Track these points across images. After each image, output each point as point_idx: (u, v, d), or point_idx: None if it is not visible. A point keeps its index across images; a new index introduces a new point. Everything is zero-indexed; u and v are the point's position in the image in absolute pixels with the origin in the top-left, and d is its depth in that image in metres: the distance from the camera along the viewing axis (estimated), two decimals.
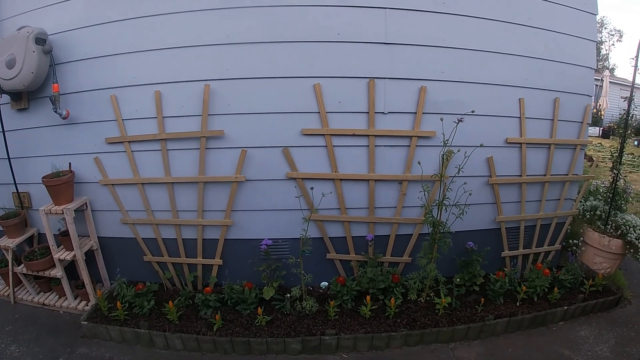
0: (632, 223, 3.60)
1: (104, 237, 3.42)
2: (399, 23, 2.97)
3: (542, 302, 3.24)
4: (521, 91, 3.27)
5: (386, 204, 3.26)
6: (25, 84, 2.98)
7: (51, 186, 3.05)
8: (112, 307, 3.04)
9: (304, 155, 3.11)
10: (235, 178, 3.09)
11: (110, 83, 3.09)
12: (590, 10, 3.41)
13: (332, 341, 2.80)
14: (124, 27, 3.00)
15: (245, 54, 2.96)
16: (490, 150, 3.25)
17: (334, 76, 2.99)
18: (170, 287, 3.45)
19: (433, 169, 3.11)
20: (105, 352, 2.82)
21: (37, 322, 3.18)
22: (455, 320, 3.00)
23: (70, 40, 3.10)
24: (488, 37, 3.13)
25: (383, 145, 3.13)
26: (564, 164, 3.57)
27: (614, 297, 3.35)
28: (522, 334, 3.04)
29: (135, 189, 3.22)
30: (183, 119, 3.06)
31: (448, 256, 3.19)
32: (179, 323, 2.95)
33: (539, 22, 3.23)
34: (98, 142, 3.19)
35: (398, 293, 3.12)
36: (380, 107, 3.05)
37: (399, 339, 2.86)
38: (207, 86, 2.95)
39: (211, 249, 3.30)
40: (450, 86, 3.12)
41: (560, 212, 3.64)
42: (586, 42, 3.45)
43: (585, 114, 3.54)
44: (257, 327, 2.90)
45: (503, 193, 3.41)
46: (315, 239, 3.24)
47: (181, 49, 2.98)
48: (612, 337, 3.01)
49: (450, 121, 2.79)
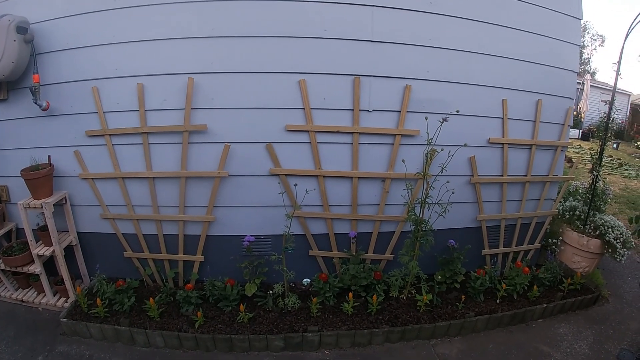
0: (610, 224, 3.69)
1: (83, 232, 3.36)
2: (385, 21, 2.98)
3: (521, 300, 3.29)
4: (504, 92, 3.32)
5: (369, 202, 3.28)
6: (4, 73, 2.89)
7: (30, 179, 2.98)
8: (92, 304, 2.99)
9: (287, 151, 3.10)
10: (218, 173, 3.06)
11: (91, 74, 3.03)
12: (575, 14, 3.48)
13: (315, 338, 2.80)
14: (107, 18, 2.95)
15: (231, 48, 2.94)
16: (473, 149, 3.29)
17: (319, 72, 2.99)
18: (151, 283, 3.41)
19: (416, 168, 3.13)
20: (85, 350, 2.77)
21: (15, 319, 3.10)
22: (436, 317, 3.03)
23: (51, 30, 3.03)
24: (474, 38, 3.17)
25: (367, 143, 3.14)
26: (544, 164, 3.64)
27: (592, 296, 3.43)
28: (502, 330, 3.09)
29: (115, 183, 3.17)
30: (165, 112, 3.02)
31: (430, 254, 3.22)
32: (160, 320, 2.92)
33: (524, 25, 3.29)
34: (78, 135, 3.13)
35: (380, 290, 3.14)
36: (365, 104, 3.06)
37: (381, 335, 2.87)
38: (190, 79, 2.92)
39: (193, 245, 3.26)
40: (435, 85, 3.14)
41: (540, 212, 3.70)
42: (570, 46, 3.53)
43: (566, 116, 3.61)
44: (240, 324, 2.88)
45: (484, 192, 3.45)
46: (298, 236, 3.23)
47: (165, 41, 2.94)
48: (591, 334, 3.08)
49: (434, 120, 2.82)
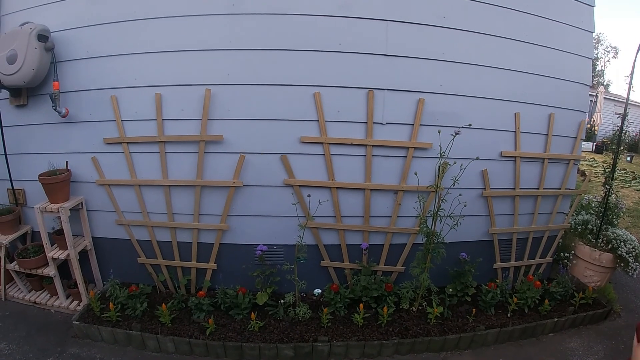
0: (622, 237, 3.66)
1: (98, 237, 3.41)
2: (399, 35, 3.02)
3: (532, 314, 3.28)
4: (517, 106, 3.32)
5: (381, 213, 3.29)
6: (25, 80, 2.98)
7: (47, 184, 3.04)
8: (104, 308, 3.04)
9: (301, 162, 3.13)
10: (233, 183, 3.10)
11: (111, 83, 3.09)
12: (587, 28, 3.48)
13: (325, 348, 2.81)
14: (126, 28, 3.02)
15: (248, 61, 2.99)
16: (485, 163, 3.30)
17: (334, 85, 3.03)
18: (164, 289, 3.44)
19: (429, 180, 3.14)
20: (97, 353, 2.81)
21: (27, 320, 3.16)
22: (446, 329, 3.02)
23: (72, 39, 3.10)
24: (486, 52, 3.19)
25: (380, 156, 3.16)
26: (557, 178, 3.63)
27: (603, 310, 3.40)
28: (512, 344, 3.07)
29: (131, 190, 3.22)
30: (182, 122, 3.07)
31: (441, 266, 3.22)
32: (171, 326, 2.95)
33: (537, 39, 3.30)
34: (96, 142, 3.19)
35: (391, 302, 3.14)
36: (378, 117, 3.09)
37: (391, 347, 2.88)
38: (208, 90, 2.97)
39: (206, 253, 3.30)
40: (448, 99, 3.16)
41: (552, 226, 3.69)
42: (582, 59, 3.53)
43: (579, 130, 3.60)
44: (250, 332, 2.90)
45: (496, 205, 3.45)
46: (310, 246, 3.25)
47: (184, 53, 2.99)
48: (601, 349, 3.05)
49: (447, 133, 2.83)
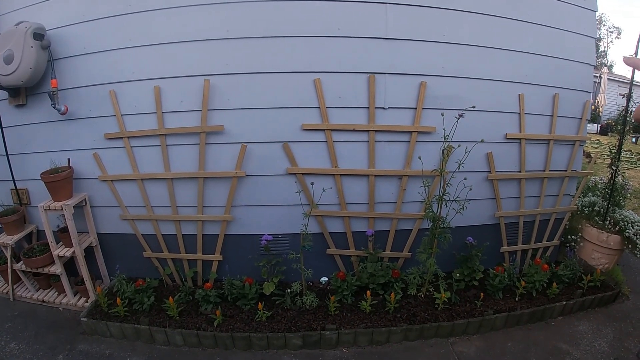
0: (630, 219, 3.62)
1: (103, 233, 3.41)
2: (399, 18, 2.97)
3: (540, 297, 3.25)
4: (521, 87, 3.28)
5: (386, 199, 3.27)
6: (23, 79, 2.96)
7: (50, 182, 3.03)
8: (111, 304, 3.04)
9: (304, 150, 3.11)
10: (236, 173, 3.08)
11: (109, 78, 3.07)
12: (590, 7, 3.42)
13: (333, 336, 2.80)
14: (122, 22, 2.98)
15: (246, 49, 2.95)
16: (490, 145, 3.26)
17: (334, 71, 2.99)
18: (170, 283, 3.45)
19: (433, 165, 3.11)
20: (106, 349, 2.81)
21: (36, 319, 3.17)
22: (454, 315, 3.01)
23: (68, 35, 3.08)
24: (488, 33, 3.13)
25: (383, 141, 3.13)
26: (562, 160, 3.59)
27: (612, 293, 3.38)
28: (521, 328, 3.06)
29: (134, 184, 3.21)
30: (182, 114, 3.05)
31: (447, 251, 3.20)
32: (179, 319, 2.95)
33: (539, 19, 3.24)
34: (97, 138, 3.18)
35: (398, 288, 3.13)
36: (380, 102, 3.05)
37: (399, 333, 2.87)
38: (207, 81, 2.94)
39: (211, 244, 3.29)
40: (451, 81, 3.12)
41: (559, 208, 3.66)
42: (586, 39, 3.46)
43: (584, 110, 3.55)
44: (258, 323, 2.90)
45: (502, 188, 3.42)
46: (316, 234, 3.24)
47: (181, 44, 2.96)
48: (610, 332, 3.03)
49: (451, 116, 2.80)
